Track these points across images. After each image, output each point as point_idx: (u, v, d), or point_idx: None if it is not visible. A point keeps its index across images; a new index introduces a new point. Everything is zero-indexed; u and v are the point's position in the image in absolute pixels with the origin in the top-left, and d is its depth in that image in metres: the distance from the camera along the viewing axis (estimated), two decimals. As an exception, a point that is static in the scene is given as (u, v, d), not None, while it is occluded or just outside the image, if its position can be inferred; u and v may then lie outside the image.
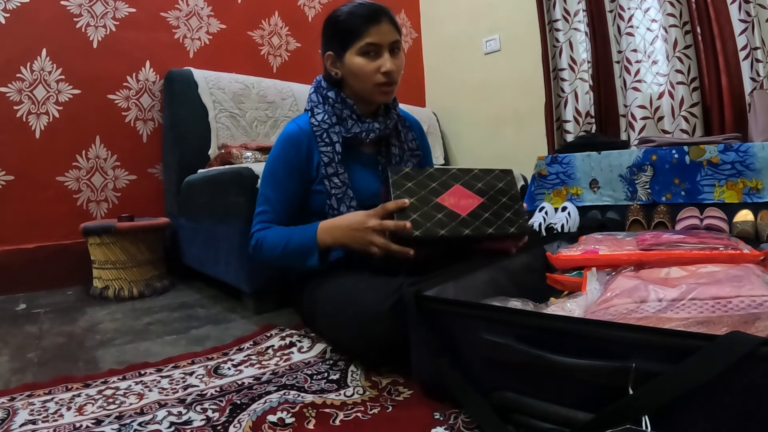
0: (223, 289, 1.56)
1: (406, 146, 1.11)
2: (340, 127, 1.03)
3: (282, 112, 2.09)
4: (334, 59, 1.03)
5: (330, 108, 1.03)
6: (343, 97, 1.04)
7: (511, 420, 0.60)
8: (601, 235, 1.08)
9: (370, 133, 1.04)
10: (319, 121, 1.02)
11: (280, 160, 1.03)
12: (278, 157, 1.04)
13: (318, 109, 1.04)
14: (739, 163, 1.45)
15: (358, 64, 0.98)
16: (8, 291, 1.62)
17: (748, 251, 0.81)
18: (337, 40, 1.01)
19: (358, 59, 0.98)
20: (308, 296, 1.01)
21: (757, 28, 1.66)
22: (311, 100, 1.07)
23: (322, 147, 1.00)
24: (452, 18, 2.84)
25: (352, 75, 1.01)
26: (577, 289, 0.90)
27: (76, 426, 0.69)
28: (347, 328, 0.87)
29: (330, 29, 1.03)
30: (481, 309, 0.65)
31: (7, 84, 1.66)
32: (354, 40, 0.98)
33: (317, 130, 1.02)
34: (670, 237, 0.92)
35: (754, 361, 0.44)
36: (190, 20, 2.08)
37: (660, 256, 0.84)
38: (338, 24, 1.01)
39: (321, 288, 0.97)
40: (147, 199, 1.94)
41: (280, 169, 1.03)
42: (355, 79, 1.01)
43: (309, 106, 1.07)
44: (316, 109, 1.04)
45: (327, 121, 1.02)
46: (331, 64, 1.04)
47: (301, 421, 0.68)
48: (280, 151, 1.04)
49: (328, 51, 1.03)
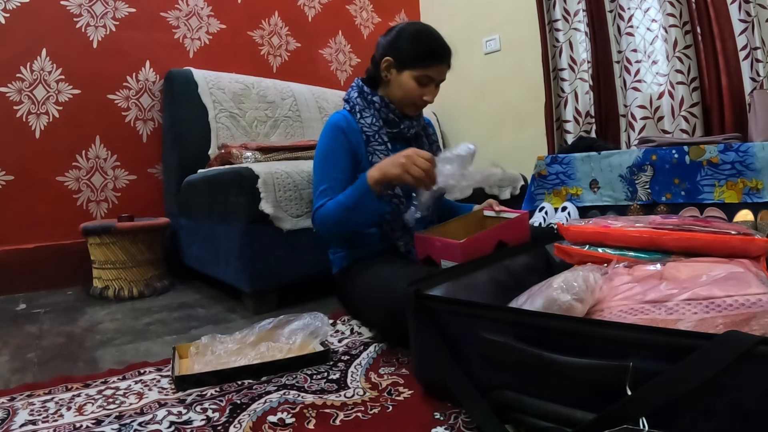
0: (223, 289, 1.56)
1: (430, 139, 1.27)
2: (386, 128, 1.16)
3: (282, 112, 2.09)
4: (391, 66, 1.14)
5: (376, 112, 1.16)
6: (387, 102, 1.16)
7: (510, 419, 0.60)
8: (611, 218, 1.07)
9: (411, 129, 1.20)
10: (369, 123, 1.14)
11: (334, 143, 1.13)
12: (332, 140, 1.13)
13: (366, 113, 1.15)
14: (739, 163, 1.45)
15: (410, 85, 1.12)
16: (8, 291, 1.62)
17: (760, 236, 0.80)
18: (403, 54, 1.12)
19: (411, 82, 1.12)
20: (349, 286, 1.11)
21: (757, 28, 1.66)
22: (355, 103, 1.17)
23: (376, 146, 1.13)
24: (452, 18, 2.84)
25: (398, 87, 1.14)
26: (584, 260, 0.89)
27: (76, 426, 0.69)
28: (382, 309, 0.96)
29: (401, 42, 1.13)
30: (481, 308, 0.65)
31: (7, 84, 1.66)
32: (418, 66, 1.11)
33: (369, 131, 1.14)
34: (682, 219, 0.91)
35: (751, 359, 0.44)
36: (190, 20, 2.09)
37: (671, 235, 0.82)
38: (411, 44, 1.12)
39: (360, 277, 1.07)
40: (147, 199, 1.94)
41: (336, 149, 1.12)
42: (399, 92, 1.14)
43: (350, 107, 1.18)
44: (364, 112, 1.15)
45: (376, 124, 1.15)
46: (386, 68, 1.14)
47: (301, 421, 0.68)
48: (333, 134, 1.13)
49: (389, 57, 1.13)
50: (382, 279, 1.01)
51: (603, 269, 0.77)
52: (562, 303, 0.66)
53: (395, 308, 0.87)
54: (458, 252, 0.97)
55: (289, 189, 1.35)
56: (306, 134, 2.13)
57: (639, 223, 0.90)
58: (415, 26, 1.18)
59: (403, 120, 1.18)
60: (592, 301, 0.70)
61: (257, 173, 1.30)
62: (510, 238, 1.06)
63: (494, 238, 1.05)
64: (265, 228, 1.31)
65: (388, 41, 1.15)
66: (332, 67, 2.63)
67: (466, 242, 0.98)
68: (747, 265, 0.71)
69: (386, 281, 0.98)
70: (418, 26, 1.18)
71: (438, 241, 1.03)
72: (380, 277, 1.02)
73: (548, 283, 0.71)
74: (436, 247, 1.03)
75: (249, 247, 1.29)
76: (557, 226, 1.00)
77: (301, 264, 1.39)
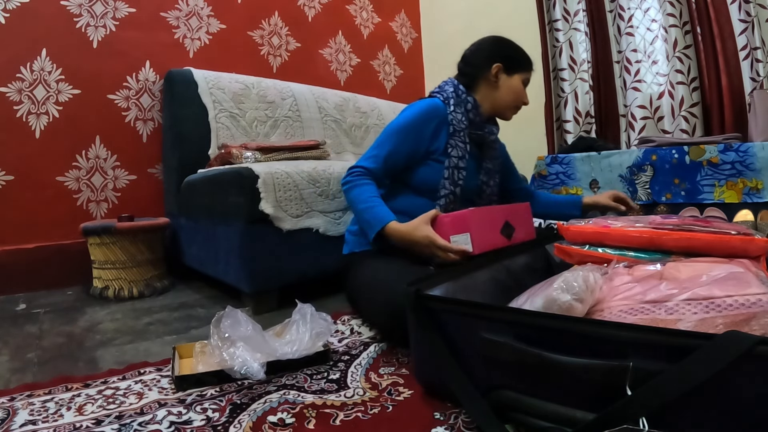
0: (223, 290, 1.56)
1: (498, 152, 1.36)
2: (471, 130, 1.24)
3: (282, 112, 2.09)
4: (501, 71, 1.24)
5: (465, 112, 1.23)
6: (478, 105, 1.24)
7: (510, 419, 0.60)
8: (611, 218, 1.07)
9: (491, 135, 1.29)
10: (459, 119, 1.22)
11: (418, 124, 1.20)
12: (417, 121, 1.20)
13: (458, 109, 1.23)
14: (739, 163, 1.45)
15: (519, 86, 1.26)
16: (8, 291, 1.62)
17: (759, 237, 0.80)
18: (511, 60, 1.25)
19: (520, 84, 1.26)
20: (351, 282, 1.16)
21: (757, 28, 1.66)
22: (450, 96, 1.24)
23: (458, 142, 1.21)
24: (452, 18, 2.85)
25: (509, 90, 1.25)
26: (584, 260, 0.89)
27: (76, 426, 0.69)
28: (381, 309, 0.98)
29: (506, 49, 1.27)
30: (481, 308, 0.65)
31: (7, 84, 1.66)
32: (524, 69, 1.27)
33: (457, 126, 1.21)
34: (682, 219, 0.91)
35: (751, 359, 0.44)
36: (190, 20, 2.09)
37: (671, 235, 0.82)
38: (515, 51, 1.27)
39: (361, 274, 1.11)
40: (147, 199, 1.94)
41: (414, 130, 1.20)
42: (509, 95, 1.26)
43: (443, 98, 1.25)
44: (457, 108, 1.23)
45: (464, 122, 1.22)
46: (495, 73, 1.24)
47: (301, 421, 0.68)
48: (423, 115, 1.21)
49: (499, 63, 1.24)
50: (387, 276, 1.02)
51: (603, 269, 0.78)
52: (562, 303, 0.66)
53: (395, 309, 0.87)
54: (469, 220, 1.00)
55: (289, 189, 1.35)
56: (306, 134, 2.14)
57: (639, 223, 0.90)
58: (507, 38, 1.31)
59: (487, 124, 1.28)
60: (592, 301, 0.70)
61: (257, 173, 1.30)
62: (516, 223, 1.11)
63: (501, 215, 1.09)
64: (265, 228, 1.31)
65: (492, 49, 1.26)
66: (332, 67, 2.63)
67: (474, 210, 1.02)
68: (747, 265, 0.71)
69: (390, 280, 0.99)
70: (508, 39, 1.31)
71: (446, 217, 1.05)
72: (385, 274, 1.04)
73: (548, 283, 0.71)
74: (445, 224, 1.04)
75: (249, 247, 1.29)
76: (557, 226, 1.00)
77: (301, 264, 1.39)
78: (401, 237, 1.06)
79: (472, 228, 1.01)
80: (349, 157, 2.28)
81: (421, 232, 1.04)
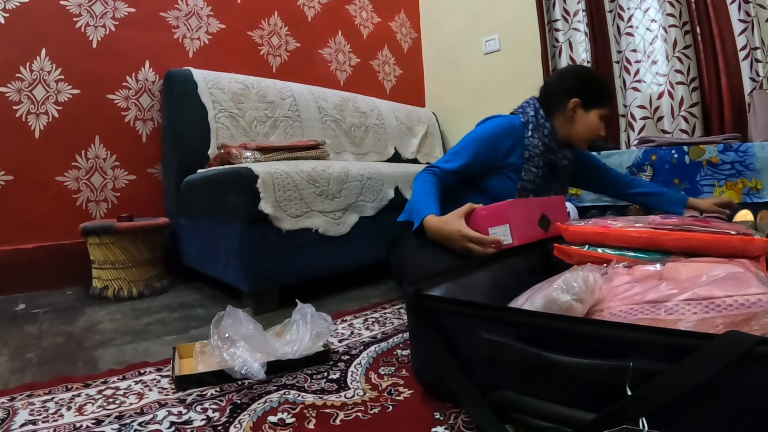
0: (223, 290, 1.56)
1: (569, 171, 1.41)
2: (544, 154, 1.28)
3: (281, 112, 2.09)
4: (578, 106, 1.27)
5: (542, 136, 1.28)
6: (554, 131, 1.29)
7: (510, 419, 0.60)
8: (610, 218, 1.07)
9: (564, 160, 1.34)
10: (535, 144, 1.27)
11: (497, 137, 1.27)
12: (497, 134, 1.27)
13: (535, 134, 1.28)
14: (738, 163, 1.45)
15: (595, 122, 1.28)
16: (7, 291, 1.62)
17: (759, 237, 0.80)
18: (590, 95, 1.27)
19: (596, 119, 1.28)
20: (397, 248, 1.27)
21: (756, 28, 1.66)
22: (530, 120, 1.29)
23: (531, 167, 1.27)
24: (452, 18, 2.85)
25: (584, 125, 1.28)
26: (584, 260, 0.89)
27: (76, 426, 0.69)
28: None
29: (587, 83, 1.29)
30: (481, 308, 0.65)
31: (6, 84, 1.66)
32: (602, 105, 1.29)
33: (532, 151, 1.27)
34: (682, 219, 0.91)
35: (751, 359, 0.44)
36: (190, 20, 2.08)
37: (671, 235, 0.82)
38: (595, 86, 1.29)
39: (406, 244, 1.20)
40: (146, 199, 1.94)
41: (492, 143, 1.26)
42: (584, 129, 1.29)
43: (524, 120, 1.29)
44: (535, 132, 1.28)
45: (540, 147, 1.27)
46: (572, 107, 1.27)
47: (301, 421, 0.68)
48: (503, 131, 1.27)
49: (577, 98, 1.27)
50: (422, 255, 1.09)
51: (603, 269, 0.78)
52: (562, 303, 0.66)
53: None
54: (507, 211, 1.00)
55: (288, 189, 1.35)
56: (305, 134, 2.14)
57: (638, 223, 0.90)
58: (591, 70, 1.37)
59: (561, 149, 1.32)
60: (592, 301, 0.70)
61: (257, 173, 1.30)
62: (552, 215, 1.12)
63: (538, 207, 1.10)
64: (265, 228, 1.31)
65: (573, 83, 1.28)
66: (332, 67, 2.63)
67: (511, 202, 1.02)
68: (747, 265, 0.71)
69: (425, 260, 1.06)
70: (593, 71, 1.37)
71: (483, 209, 1.05)
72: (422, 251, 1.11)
73: (548, 283, 0.72)
74: (481, 217, 1.04)
75: (249, 247, 1.29)
76: (557, 227, 1.00)
77: (301, 264, 1.39)
78: (435, 231, 1.09)
79: (510, 219, 1.00)
80: (349, 156, 2.28)
81: (452, 226, 1.05)
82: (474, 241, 1.02)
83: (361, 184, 1.56)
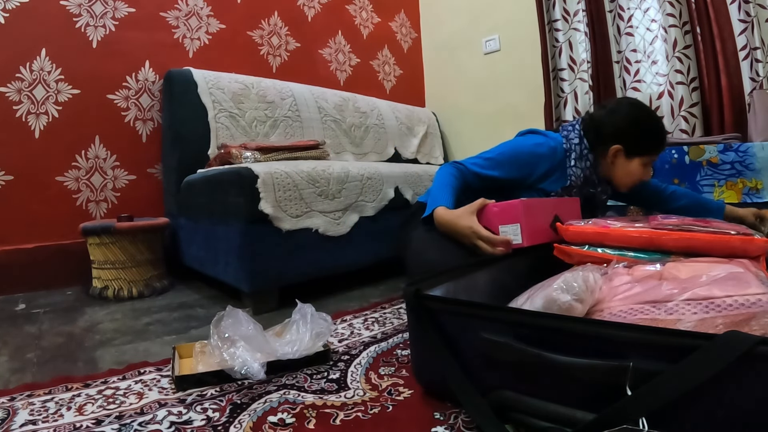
0: (223, 289, 1.56)
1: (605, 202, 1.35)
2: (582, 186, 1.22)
3: (281, 112, 2.09)
4: (620, 152, 1.18)
5: (582, 165, 1.20)
6: (596, 165, 1.21)
7: (510, 419, 0.60)
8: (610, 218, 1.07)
9: (603, 195, 1.27)
10: (577, 175, 1.21)
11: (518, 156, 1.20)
12: (532, 154, 1.20)
13: (578, 163, 1.20)
14: (738, 163, 1.45)
15: (637, 170, 1.18)
16: (7, 291, 1.62)
17: (759, 237, 0.80)
18: (635, 144, 1.16)
19: (639, 167, 1.18)
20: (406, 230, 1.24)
21: (756, 28, 1.66)
22: (573, 147, 1.21)
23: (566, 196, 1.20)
24: (452, 18, 2.85)
25: (625, 173, 1.19)
26: (584, 260, 0.89)
27: (76, 426, 0.69)
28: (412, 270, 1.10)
29: (633, 129, 1.16)
30: (481, 308, 0.65)
31: (6, 84, 1.66)
32: (647, 154, 1.18)
33: (574, 182, 1.21)
34: (682, 219, 0.91)
35: (751, 359, 0.44)
36: (190, 20, 2.08)
37: (671, 235, 0.82)
38: (644, 133, 1.17)
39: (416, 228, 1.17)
40: (146, 199, 1.94)
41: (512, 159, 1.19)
42: (625, 177, 1.20)
43: (567, 146, 1.21)
44: (577, 162, 1.20)
45: (581, 179, 1.21)
46: (614, 154, 1.18)
47: (301, 421, 0.68)
48: (527, 150, 1.20)
49: (620, 145, 1.17)
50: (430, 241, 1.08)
51: (603, 269, 0.78)
52: (562, 303, 0.66)
53: None
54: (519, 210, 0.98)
55: (288, 189, 1.35)
56: (305, 134, 2.14)
57: (638, 223, 0.90)
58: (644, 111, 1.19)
59: (602, 184, 1.25)
60: (592, 301, 0.70)
61: (257, 173, 1.30)
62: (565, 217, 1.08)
63: (551, 208, 1.06)
64: (265, 228, 1.31)
65: (620, 126, 1.17)
66: (332, 67, 2.63)
67: (525, 200, 0.99)
68: (747, 265, 0.71)
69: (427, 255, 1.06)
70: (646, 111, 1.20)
71: (495, 206, 1.02)
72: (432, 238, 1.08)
73: (548, 283, 0.72)
74: (493, 213, 1.02)
75: (248, 247, 1.29)
76: (557, 227, 1.00)
77: (301, 264, 1.39)
78: (445, 224, 1.05)
79: (522, 218, 0.97)
80: (349, 156, 2.28)
81: (464, 222, 1.02)
82: (484, 239, 1.00)
83: (361, 184, 1.56)
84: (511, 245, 0.99)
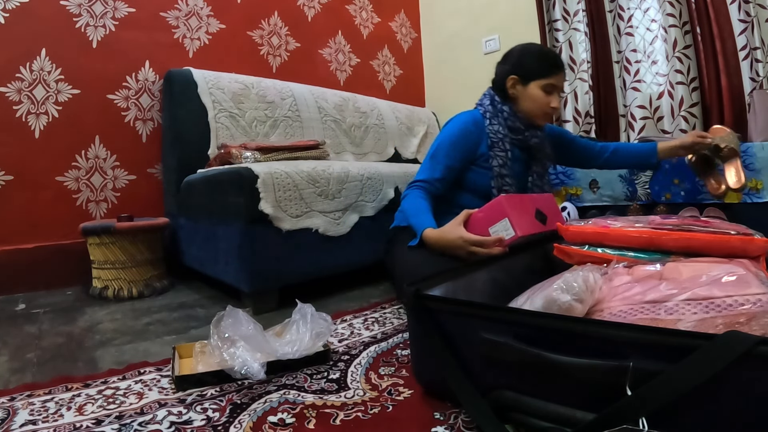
0: (223, 290, 1.56)
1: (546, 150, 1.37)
2: (510, 136, 1.28)
3: (281, 112, 2.09)
4: (516, 83, 1.27)
5: (503, 120, 1.28)
6: (514, 111, 1.29)
7: (510, 419, 0.60)
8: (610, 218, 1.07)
9: (533, 138, 1.31)
10: (496, 130, 1.27)
11: (460, 137, 1.28)
12: (459, 134, 1.28)
13: (494, 120, 1.28)
14: (738, 163, 1.45)
15: (537, 95, 1.25)
16: (7, 291, 1.62)
17: (759, 237, 0.80)
18: (526, 70, 1.26)
19: (538, 91, 1.25)
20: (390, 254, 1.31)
21: (756, 28, 1.66)
22: (486, 109, 1.30)
23: (498, 152, 1.26)
24: (452, 18, 2.85)
25: (528, 100, 1.26)
26: (584, 260, 0.89)
27: (76, 426, 0.69)
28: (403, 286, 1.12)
29: (521, 59, 1.27)
30: (481, 308, 0.65)
31: (6, 84, 1.66)
32: (541, 77, 1.24)
33: (494, 138, 1.27)
34: (682, 219, 0.91)
35: (751, 359, 0.44)
36: (190, 20, 2.08)
37: (671, 235, 0.82)
38: (529, 59, 1.26)
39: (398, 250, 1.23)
40: (146, 199, 1.94)
41: (458, 143, 1.27)
42: (529, 103, 1.27)
43: (482, 111, 1.31)
44: (493, 120, 1.28)
45: (502, 132, 1.27)
46: (511, 86, 1.28)
47: (301, 421, 0.68)
48: (462, 130, 1.28)
49: (513, 75, 1.27)
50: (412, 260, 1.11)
51: (603, 269, 0.78)
52: (562, 303, 0.66)
53: None
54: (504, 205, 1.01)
55: (288, 189, 1.35)
56: (305, 134, 2.14)
57: (638, 223, 0.90)
58: (529, 45, 1.31)
59: (528, 128, 1.30)
60: (592, 301, 0.70)
61: (257, 173, 1.30)
62: (547, 212, 1.13)
63: (532, 203, 1.10)
64: (265, 228, 1.31)
65: (509, 62, 1.29)
66: (332, 67, 2.63)
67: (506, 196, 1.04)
68: (747, 265, 0.71)
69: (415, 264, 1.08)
70: (532, 44, 1.32)
71: (479, 212, 1.07)
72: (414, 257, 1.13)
73: (548, 283, 0.71)
74: (479, 219, 1.04)
75: (248, 247, 1.29)
76: (557, 227, 1.00)
77: (301, 264, 1.39)
78: (435, 242, 1.09)
79: (508, 212, 1.01)
80: (349, 156, 2.28)
81: (453, 234, 1.06)
82: (476, 244, 1.02)
83: (361, 184, 1.56)
84: (505, 241, 0.99)
